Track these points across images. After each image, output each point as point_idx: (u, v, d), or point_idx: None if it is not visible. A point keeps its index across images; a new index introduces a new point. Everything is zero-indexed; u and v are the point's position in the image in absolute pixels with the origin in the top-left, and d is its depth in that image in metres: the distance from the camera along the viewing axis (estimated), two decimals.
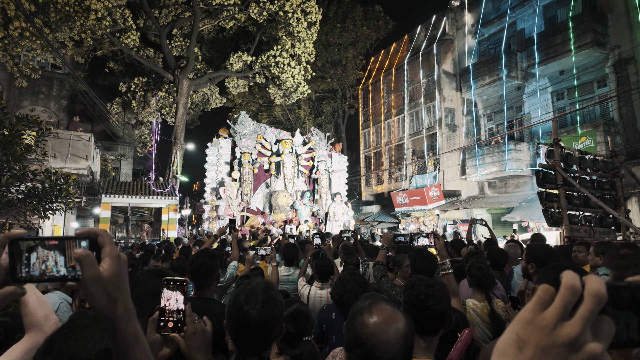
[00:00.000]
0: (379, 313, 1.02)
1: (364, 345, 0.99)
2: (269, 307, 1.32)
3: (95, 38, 15.90)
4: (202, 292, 2.45)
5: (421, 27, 21.98)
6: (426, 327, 1.43)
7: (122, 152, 21.45)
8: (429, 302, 1.44)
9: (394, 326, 1.00)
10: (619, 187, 6.70)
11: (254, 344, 1.32)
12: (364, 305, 1.07)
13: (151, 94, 19.11)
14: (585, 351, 0.37)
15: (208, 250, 2.62)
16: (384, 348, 0.97)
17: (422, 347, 1.41)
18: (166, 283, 1.18)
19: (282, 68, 17.39)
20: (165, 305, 1.15)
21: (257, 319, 1.29)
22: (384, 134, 23.35)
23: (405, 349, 0.99)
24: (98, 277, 0.64)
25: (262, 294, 1.34)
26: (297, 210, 16.74)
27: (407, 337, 1.01)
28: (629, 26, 13.12)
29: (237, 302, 1.34)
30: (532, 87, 16.10)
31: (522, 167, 15.65)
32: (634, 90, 12.67)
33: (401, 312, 1.06)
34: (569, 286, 0.38)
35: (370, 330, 1.00)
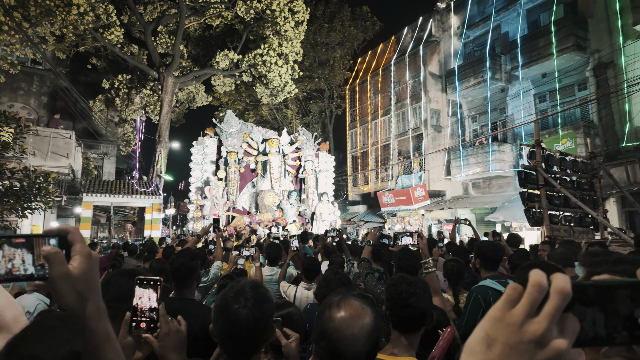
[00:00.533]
0: (346, 308, 1.03)
1: (328, 339, 1.00)
2: (260, 305, 1.26)
3: (78, 33, 15.55)
4: (182, 292, 2.41)
5: (408, 29, 22.16)
6: (408, 324, 1.44)
7: (104, 151, 21.04)
8: (411, 300, 1.44)
9: (360, 322, 1.01)
10: (598, 188, 6.88)
11: (244, 346, 1.25)
12: (333, 301, 1.08)
13: (135, 91, 18.80)
14: (551, 347, 0.38)
15: (189, 250, 2.58)
16: (348, 342, 0.98)
17: (404, 344, 1.42)
18: (139, 282, 1.15)
19: (269, 67, 17.31)
20: (137, 304, 1.12)
21: (249, 317, 1.22)
22: (371, 134, 23.48)
23: (370, 344, 1.00)
24: (67, 275, 0.62)
25: (251, 292, 1.27)
26: (284, 210, 16.68)
27: (372, 333, 1.01)
28: (608, 31, 13.47)
29: (226, 301, 1.27)
30: (516, 90, 16.40)
31: (505, 167, 15.93)
32: (612, 94, 13.02)
33: (371, 309, 1.06)
34: (535, 284, 0.38)
35: (335, 325, 1.01)
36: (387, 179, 21.84)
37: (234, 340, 1.25)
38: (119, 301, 1.28)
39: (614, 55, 13.17)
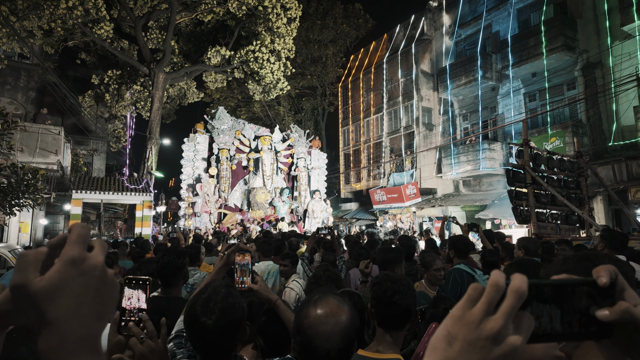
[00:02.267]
0: (323, 306, 1.07)
1: (303, 334, 1.04)
2: (227, 316, 1.27)
3: (66, 28, 15.30)
4: (169, 290, 2.43)
5: (400, 27, 22.22)
6: (392, 322, 1.47)
7: (94, 147, 20.78)
8: (395, 298, 1.47)
9: (334, 319, 1.04)
10: (584, 186, 7.01)
11: (215, 351, 1.30)
12: (312, 298, 1.12)
13: (125, 87, 18.58)
14: (506, 343, 0.40)
15: (175, 248, 2.59)
16: (322, 338, 1.02)
17: (388, 342, 1.44)
18: (128, 281, 1.16)
19: (261, 64, 17.23)
20: (126, 305, 1.14)
21: (216, 328, 1.25)
22: (363, 132, 23.53)
23: (344, 341, 1.04)
24: (21, 286, 0.44)
25: (220, 303, 1.29)
26: (276, 208, 16.68)
27: (347, 331, 1.05)
28: (596, 32, 13.66)
29: (194, 313, 1.29)
30: (506, 88, 16.56)
31: (495, 166, 16.10)
32: (600, 94, 13.23)
33: (348, 308, 1.09)
34: (493, 284, 0.41)
35: (310, 321, 1.04)
36: (379, 177, 21.93)
37: (204, 348, 1.30)
38: None
39: (602, 55, 13.37)
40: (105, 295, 0.48)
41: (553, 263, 1.07)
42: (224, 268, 1.74)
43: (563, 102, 14.52)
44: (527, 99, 16.14)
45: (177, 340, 1.46)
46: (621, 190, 11.95)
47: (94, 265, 0.47)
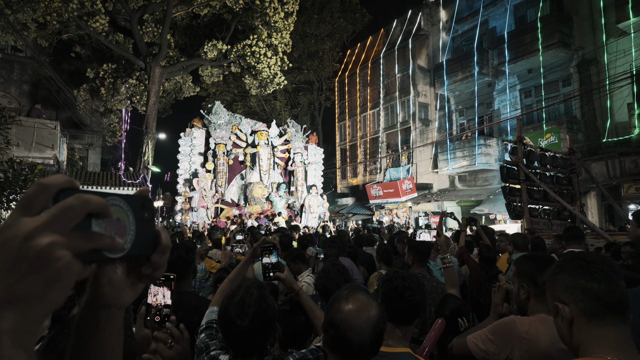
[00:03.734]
0: (354, 301, 1.13)
1: (337, 328, 1.10)
2: (260, 318, 1.34)
3: (61, 21, 15.15)
4: (179, 285, 2.49)
5: (397, 22, 22.17)
6: (402, 317, 1.53)
7: (89, 141, 20.67)
8: (406, 294, 1.54)
9: (366, 314, 1.11)
10: (576, 183, 7.12)
11: (248, 350, 1.37)
12: (342, 294, 1.18)
13: (121, 81, 18.45)
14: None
15: (184, 243, 2.65)
16: (355, 332, 1.08)
17: (398, 336, 1.51)
18: None
19: (258, 58, 17.17)
20: (152, 302, 1.19)
21: (249, 331, 1.32)
22: (360, 127, 23.56)
23: (375, 334, 1.10)
24: None
25: (253, 306, 1.35)
26: (273, 203, 16.71)
27: (377, 324, 1.11)
28: (592, 28, 13.73)
29: (228, 316, 1.35)
30: (502, 85, 16.63)
31: (491, 161, 16.21)
32: (594, 91, 13.33)
33: (376, 302, 1.17)
34: None
35: (344, 316, 1.10)
36: (375, 172, 22.01)
37: (238, 347, 1.38)
38: None
39: (597, 52, 13.45)
40: (22, 274, 0.36)
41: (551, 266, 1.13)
42: (250, 261, 1.84)
43: (558, 98, 14.62)
44: (523, 95, 16.23)
45: (208, 332, 1.52)
46: (614, 185, 12.10)
47: (13, 235, 0.37)
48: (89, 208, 0.40)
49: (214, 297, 1.65)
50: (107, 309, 0.51)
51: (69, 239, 0.38)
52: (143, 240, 0.48)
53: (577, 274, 0.98)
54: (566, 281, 0.99)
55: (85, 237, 0.40)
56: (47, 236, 0.37)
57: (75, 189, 0.41)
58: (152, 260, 0.51)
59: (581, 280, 0.96)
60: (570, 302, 0.97)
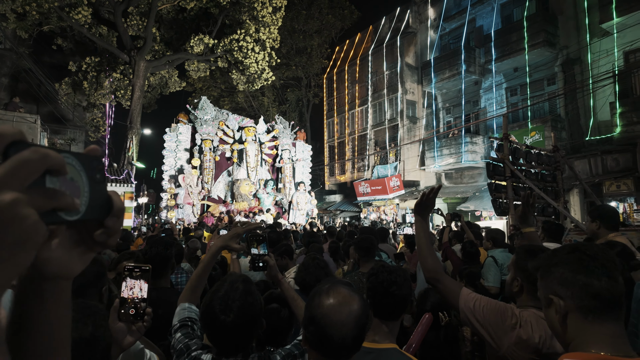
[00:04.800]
0: (335, 295, 1.07)
1: (317, 324, 1.04)
2: (245, 313, 1.28)
3: (41, 12, 14.71)
4: (158, 281, 2.44)
5: (385, 19, 22.18)
6: (389, 312, 1.49)
7: (72, 136, 20.17)
8: (392, 288, 1.49)
9: (347, 308, 1.05)
10: (560, 180, 7.21)
11: (232, 346, 1.31)
12: (323, 288, 1.12)
13: (104, 74, 18.03)
14: None
15: (162, 239, 2.57)
16: (336, 327, 1.03)
17: (385, 331, 1.46)
18: (129, 272, 1.15)
19: (246, 53, 16.97)
20: (128, 295, 1.13)
21: (233, 326, 1.27)
22: (348, 124, 23.55)
23: (357, 329, 1.05)
24: None
25: (238, 300, 1.29)
26: (260, 199, 16.61)
27: (359, 319, 1.06)
28: (576, 28, 13.94)
29: (212, 311, 1.29)
30: (489, 83, 16.79)
31: (477, 159, 16.38)
32: (578, 90, 13.55)
33: (358, 296, 1.11)
34: None
35: (324, 311, 1.05)
36: (363, 169, 22.05)
37: (222, 343, 1.31)
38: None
39: (581, 52, 13.67)
40: None
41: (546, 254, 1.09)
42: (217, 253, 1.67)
43: (543, 97, 14.82)
44: (509, 93, 16.42)
45: (184, 330, 1.44)
46: (596, 183, 12.34)
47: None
48: (48, 163, 0.36)
49: (182, 294, 1.57)
50: (53, 281, 0.45)
51: (29, 197, 0.34)
52: (97, 203, 0.43)
53: (577, 268, 0.94)
54: (564, 275, 0.96)
55: (45, 194, 0.36)
56: (8, 193, 0.33)
57: (27, 142, 0.36)
58: (106, 225, 0.46)
59: (581, 276, 0.93)
60: (567, 297, 0.94)
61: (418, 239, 1.67)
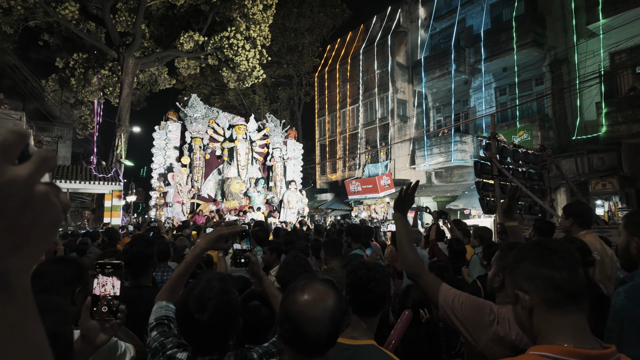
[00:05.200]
0: (310, 291, 1.07)
1: (292, 321, 1.04)
2: (220, 312, 1.27)
3: (27, 6, 14.45)
4: (139, 280, 2.41)
5: (377, 18, 22.23)
6: (367, 308, 1.49)
7: (59, 134, 19.88)
8: (371, 285, 1.49)
9: (322, 304, 1.05)
10: (546, 178, 7.31)
11: (208, 345, 1.30)
12: (298, 284, 1.11)
13: (92, 71, 17.79)
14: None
15: (144, 237, 2.54)
16: (311, 324, 1.02)
17: (363, 328, 1.46)
18: (100, 268, 1.14)
19: (236, 50, 16.87)
20: (100, 292, 1.11)
21: (208, 325, 1.25)
22: (339, 122, 23.57)
23: (332, 326, 1.05)
24: None
25: (214, 299, 1.27)
26: (251, 198, 16.54)
27: (334, 315, 1.06)
28: (564, 29, 14.13)
29: (187, 310, 1.27)
30: (478, 82, 16.93)
31: (466, 158, 16.52)
32: (565, 90, 13.74)
33: (334, 292, 1.11)
34: None
35: (299, 307, 1.04)
36: (354, 168, 22.09)
37: (197, 342, 1.30)
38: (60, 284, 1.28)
39: (568, 52, 13.86)
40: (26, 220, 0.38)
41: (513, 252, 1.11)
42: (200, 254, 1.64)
43: (531, 96, 15.00)
44: (498, 93, 16.58)
45: (160, 329, 1.42)
46: (583, 182, 12.52)
47: (11, 179, 0.37)
48: (54, 162, 0.42)
49: (159, 292, 1.55)
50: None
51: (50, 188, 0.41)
52: None
53: (539, 262, 0.97)
54: (528, 269, 0.98)
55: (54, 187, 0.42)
56: (41, 185, 0.40)
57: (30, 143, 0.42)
58: None
59: (543, 269, 0.96)
60: (531, 291, 0.96)
61: (398, 235, 1.67)
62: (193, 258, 1.59)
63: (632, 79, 11.62)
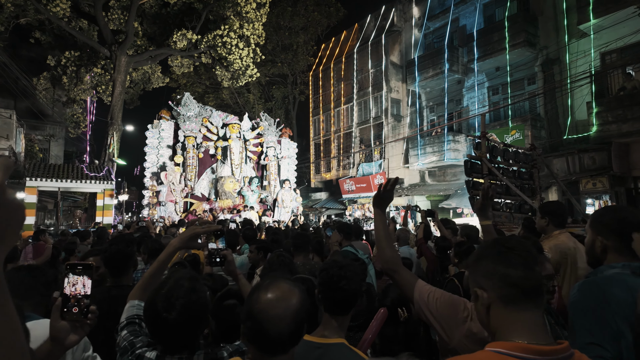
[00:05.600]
0: (274, 290, 1.08)
1: (254, 319, 1.04)
2: (188, 311, 1.27)
3: (17, 3, 14.30)
4: (119, 279, 2.41)
5: (371, 17, 22.26)
6: (339, 307, 1.50)
7: (51, 132, 19.74)
8: (342, 283, 1.50)
9: (285, 303, 1.06)
10: (536, 177, 7.37)
11: (176, 344, 1.29)
12: (264, 283, 1.12)
13: (85, 69, 17.64)
14: None
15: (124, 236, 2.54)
16: (273, 322, 1.03)
17: (334, 326, 1.47)
18: (71, 268, 1.14)
19: (230, 49, 16.80)
20: (70, 292, 1.11)
21: (175, 324, 1.25)
22: (334, 121, 23.58)
23: (294, 324, 1.05)
24: None
25: (182, 298, 1.27)
26: (245, 197, 16.51)
27: (297, 314, 1.06)
28: (555, 29, 14.22)
29: (154, 309, 1.27)
30: (471, 82, 17.01)
31: (459, 157, 16.59)
32: (557, 89, 13.84)
33: (299, 290, 1.11)
34: None
35: (262, 306, 1.05)
36: (348, 167, 22.12)
37: (165, 341, 1.30)
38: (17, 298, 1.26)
39: (560, 52, 13.95)
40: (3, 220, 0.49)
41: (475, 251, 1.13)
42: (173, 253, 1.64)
43: (523, 96, 15.09)
44: (491, 92, 16.67)
45: (131, 328, 1.42)
46: (574, 181, 12.63)
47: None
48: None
49: (132, 291, 1.55)
50: None
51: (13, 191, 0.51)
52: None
53: (496, 260, 0.99)
54: (486, 267, 1.00)
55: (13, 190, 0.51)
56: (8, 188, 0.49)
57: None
58: None
59: (500, 267, 0.97)
60: (489, 288, 0.98)
61: (377, 231, 1.68)
62: (166, 257, 1.59)
63: (622, 79, 11.72)
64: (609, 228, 1.33)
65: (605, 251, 1.31)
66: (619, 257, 1.30)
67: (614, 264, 1.29)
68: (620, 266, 1.27)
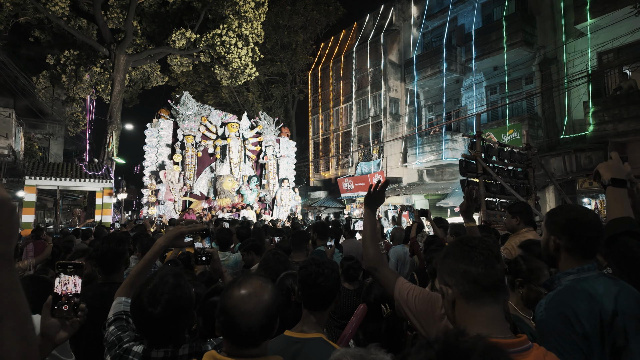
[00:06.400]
0: (246, 286, 1.14)
1: (227, 314, 1.10)
2: (173, 306, 1.32)
3: (16, 3, 14.33)
4: (110, 277, 2.44)
5: (370, 16, 22.27)
6: (317, 303, 1.56)
7: (50, 131, 19.77)
8: (319, 280, 1.56)
9: (256, 298, 1.12)
10: (531, 177, 7.41)
11: (162, 338, 1.35)
12: (238, 280, 1.18)
13: (84, 68, 17.68)
14: None
15: (115, 235, 2.58)
16: (244, 317, 1.09)
17: (312, 322, 1.53)
18: (62, 267, 1.18)
19: (228, 48, 16.83)
20: (62, 291, 1.16)
21: (160, 318, 1.31)
22: (333, 120, 23.62)
23: (266, 319, 1.11)
24: None
25: (167, 293, 1.33)
26: (244, 196, 16.56)
27: (269, 309, 1.12)
28: (553, 29, 14.26)
29: (140, 304, 1.33)
30: (469, 81, 17.05)
31: (457, 156, 16.61)
32: (554, 89, 13.88)
33: (272, 287, 1.17)
34: None
35: (234, 301, 1.11)
36: (347, 166, 22.17)
37: (151, 335, 1.36)
38: None
39: (557, 51, 13.99)
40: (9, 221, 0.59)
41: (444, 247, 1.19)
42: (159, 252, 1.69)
43: (521, 95, 15.14)
44: (489, 91, 16.71)
45: (118, 324, 1.47)
46: (570, 180, 12.69)
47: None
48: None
49: (119, 288, 1.61)
50: None
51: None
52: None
53: (459, 258, 1.05)
54: (450, 265, 1.06)
55: None
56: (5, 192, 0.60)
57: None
58: None
59: (462, 264, 1.03)
60: (453, 285, 1.04)
61: (364, 229, 1.74)
62: (152, 255, 1.64)
63: (619, 79, 11.77)
64: (560, 227, 1.36)
65: (559, 250, 1.35)
66: (570, 258, 1.34)
67: (569, 270, 1.32)
68: (575, 271, 1.31)
